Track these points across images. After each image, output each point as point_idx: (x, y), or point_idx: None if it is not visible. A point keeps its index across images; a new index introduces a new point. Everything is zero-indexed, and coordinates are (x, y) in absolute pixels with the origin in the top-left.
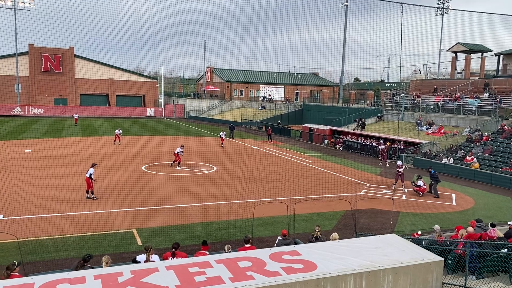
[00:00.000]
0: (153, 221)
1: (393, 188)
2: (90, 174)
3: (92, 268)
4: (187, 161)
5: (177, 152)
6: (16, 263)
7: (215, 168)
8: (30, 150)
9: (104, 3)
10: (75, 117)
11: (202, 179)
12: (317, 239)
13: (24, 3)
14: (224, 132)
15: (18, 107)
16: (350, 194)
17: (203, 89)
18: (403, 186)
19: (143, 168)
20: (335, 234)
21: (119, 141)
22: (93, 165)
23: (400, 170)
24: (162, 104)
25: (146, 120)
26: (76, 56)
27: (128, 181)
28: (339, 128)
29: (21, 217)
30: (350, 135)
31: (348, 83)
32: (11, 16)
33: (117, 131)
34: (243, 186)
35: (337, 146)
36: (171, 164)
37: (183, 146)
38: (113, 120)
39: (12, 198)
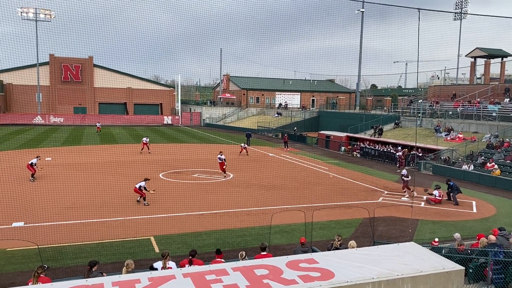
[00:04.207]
0: (170, 229)
1: (412, 195)
2: (140, 186)
3: (102, 274)
4: (203, 169)
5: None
6: (46, 266)
7: (231, 176)
8: (50, 158)
9: (122, 13)
10: (98, 126)
11: (218, 187)
12: (337, 250)
13: (45, 14)
14: (245, 145)
15: (39, 116)
16: (368, 202)
17: (220, 96)
18: (406, 192)
19: (160, 175)
20: (352, 242)
21: (148, 149)
22: (145, 180)
23: (406, 179)
24: (179, 112)
25: (163, 128)
26: (95, 65)
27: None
28: (356, 135)
29: (42, 224)
30: (367, 142)
31: (365, 89)
32: (33, 27)
33: (144, 139)
34: (259, 194)
35: (354, 153)
36: (224, 172)
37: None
38: (131, 128)
39: (33, 206)
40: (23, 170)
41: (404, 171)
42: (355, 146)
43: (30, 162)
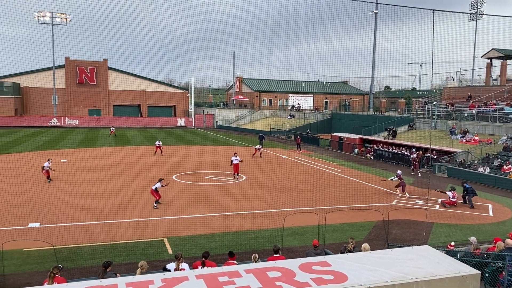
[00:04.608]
0: (184, 230)
1: (404, 196)
2: (156, 188)
3: (116, 275)
4: (216, 171)
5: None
6: (61, 266)
7: (244, 178)
8: (65, 160)
9: (136, 16)
10: (112, 129)
11: (231, 189)
12: (350, 252)
13: (61, 18)
14: (260, 146)
15: (54, 118)
16: (382, 204)
17: (232, 99)
18: (407, 194)
19: (174, 177)
20: (366, 245)
21: (161, 152)
22: (160, 180)
23: (401, 180)
24: (193, 114)
25: (176, 130)
26: (109, 68)
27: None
28: (369, 137)
29: (57, 225)
30: (381, 144)
31: (379, 91)
32: (49, 31)
33: (157, 142)
34: (272, 196)
35: (368, 155)
36: (235, 176)
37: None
38: (145, 130)
39: (48, 207)
40: (39, 172)
41: (399, 171)
42: (369, 148)
43: (42, 166)
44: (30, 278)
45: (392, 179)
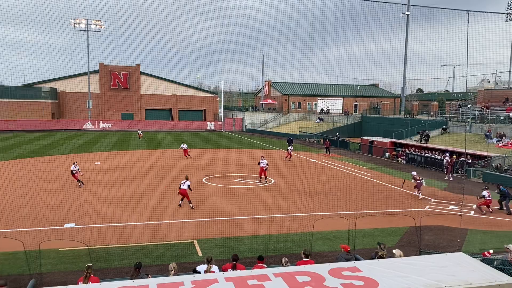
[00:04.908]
0: (213, 233)
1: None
2: (188, 185)
3: (147, 276)
4: (245, 174)
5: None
6: (92, 265)
7: (273, 181)
8: (99, 163)
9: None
10: (139, 133)
11: (260, 192)
12: (381, 258)
13: (96, 25)
14: (291, 148)
15: (89, 122)
16: (414, 210)
17: (261, 102)
18: (420, 194)
19: (203, 180)
20: (398, 251)
21: (188, 154)
22: (187, 178)
23: (419, 180)
24: (222, 117)
25: (206, 133)
26: (142, 73)
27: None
28: (401, 141)
29: (91, 225)
30: (413, 148)
31: (411, 94)
32: (84, 38)
33: (182, 145)
34: (301, 199)
35: (399, 159)
36: (261, 180)
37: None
38: (176, 134)
39: (83, 208)
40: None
41: (413, 172)
42: (400, 152)
43: (71, 170)
44: (65, 277)
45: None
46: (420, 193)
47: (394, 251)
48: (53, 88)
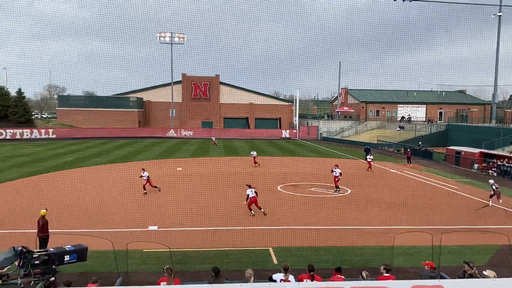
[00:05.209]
0: (288, 241)
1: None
2: (254, 192)
3: (226, 280)
4: (320, 183)
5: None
6: (171, 267)
7: (349, 191)
8: (180, 168)
9: (245, 34)
10: (213, 140)
11: (336, 202)
12: (471, 277)
13: (179, 38)
14: (371, 157)
15: (172, 130)
16: (508, 226)
17: (337, 110)
18: (490, 202)
19: (278, 187)
20: (491, 272)
21: (256, 162)
22: (249, 186)
23: (496, 189)
24: (297, 126)
25: (281, 141)
26: (221, 83)
27: (264, 200)
28: (492, 151)
29: (172, 229)
30: (506, 159)
31: (503, 100)
32: (168, 50)
33: (252, 153)
34: (379, 211)
35: (490, 171)
36: (337, 189)
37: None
38: (252, 142)
39: (165, 211)
40: (158, 178)
41: (491, 181)
42: (491, 163)
43: (144, 177)
44: (148, 277)
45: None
46: (491, 202)
47: (485, 272)
48: (139, 98)
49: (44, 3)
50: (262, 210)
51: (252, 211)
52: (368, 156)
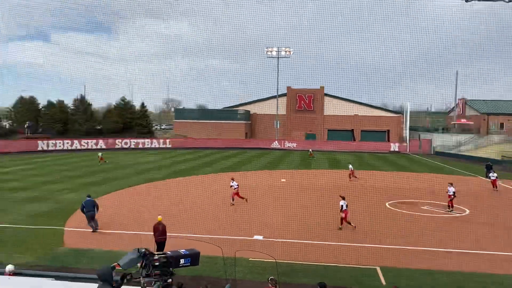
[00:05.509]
0: (397, 261)
1: None
2: (346, 205)
3: None
4: (434, 201)
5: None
6: (275, 278)
7: (467, 211)
8: (284, 180)
9: (349, 43)
10: (310, 151)
11: (452, 222)
12: None
13: (286, 51)
14: (496, 174)
15: (276, 142)
16: None
17: (453, 122)
18: None
19: (387, 204)
20: None
21: (350, 177)
22: (343, 198)
23: None
24: (407, 139)
25: (389, 155)
26: (325, 94)
27: (372, 216)
28: None
29: (277, 239)
30: None
31: None
32: (275, 63)
33: (349, 166)
34: (503, 235)
35: None
36: (451, 209)
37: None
38: (357, 155)
39: (269, 221)
40: (262, 188)
41: None
42: None
43: (233, 186)
44: (254, 287)
45: None
46: None
47: None
48: (247, 111)
49: (167, 27)
50: (353, 224)
51: (343, 224)
52: (490, 174)
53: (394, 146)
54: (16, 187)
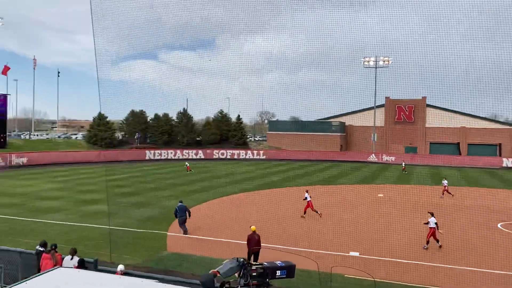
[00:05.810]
0: (467, 285)
1: None
2: (435, 223)
3: None
4: None
5: None
6: None
7: None
8: (382, 195)
9: (455, 51)
10: (403, 165)
11: None
12: None
13: (384, 61)
14: None
15: (373, 154)
16: None
17: None
18: None
19: (498, 225)
20: None
21: (445, 193)
22: (432, 214)
23: None
24: None
25: (501, 171)
26: (427, 105)
27: (481, 237)
28: None
29: (374, 257)
30: None
31: None
32: (372, 74)
33: (444, 181)
34: None
35: None
36: None
37: None
38: (463, 170)
39: (367, 238)
40: (363, 203)
41: None
42: None
43: (307, 199)
44: None
45: None
46: None
47: None
48: (342, 122)
49: (264, 40)
50: (439, 244)
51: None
52: None
53: (507, 162)
54: (126, 193)
